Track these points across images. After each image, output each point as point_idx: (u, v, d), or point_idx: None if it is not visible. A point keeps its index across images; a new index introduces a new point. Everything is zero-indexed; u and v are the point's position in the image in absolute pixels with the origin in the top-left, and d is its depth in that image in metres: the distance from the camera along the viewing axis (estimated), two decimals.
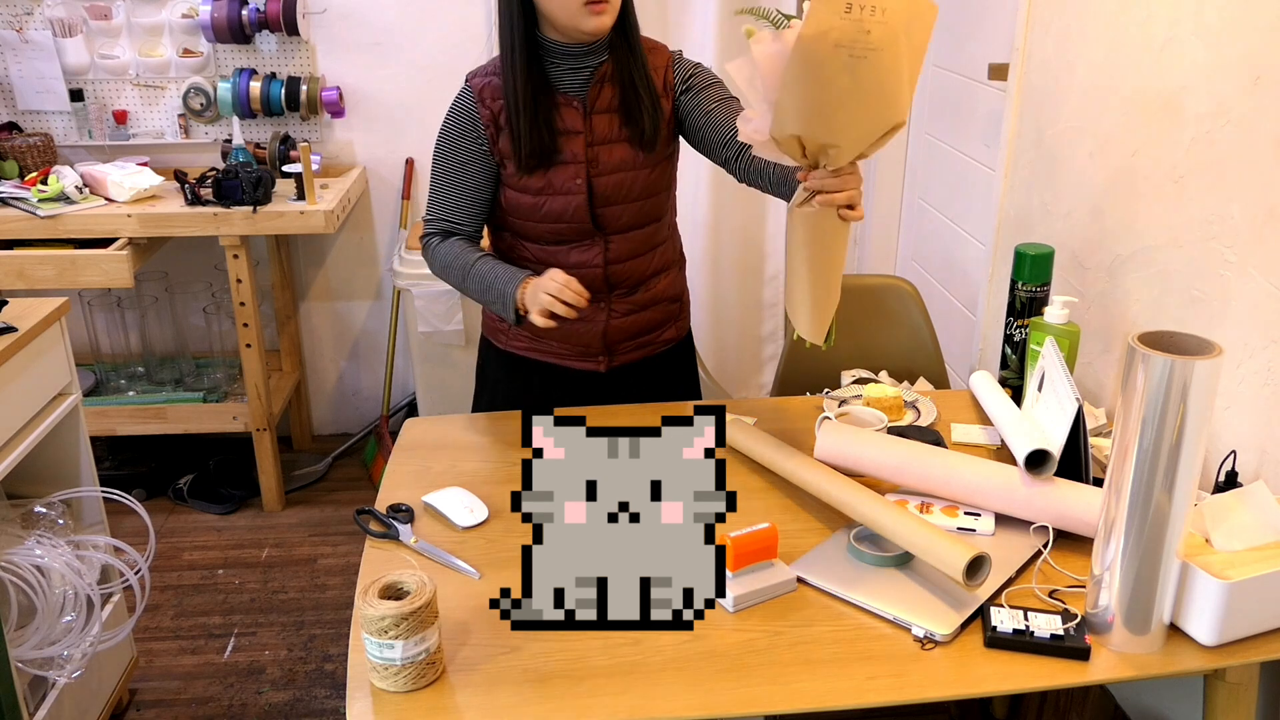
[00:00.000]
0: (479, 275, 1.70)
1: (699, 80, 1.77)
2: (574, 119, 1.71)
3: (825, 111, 1.35)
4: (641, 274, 1.82)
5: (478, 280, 1.70)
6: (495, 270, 1.69)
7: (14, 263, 2.59)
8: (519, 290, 1.64)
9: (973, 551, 1.24)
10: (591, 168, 1.72)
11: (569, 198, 1.72)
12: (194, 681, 2.34)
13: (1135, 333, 1.13)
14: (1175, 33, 1.65)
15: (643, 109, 1.72)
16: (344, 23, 3.02)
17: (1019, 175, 2.24)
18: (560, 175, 1.71)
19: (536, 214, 1.74)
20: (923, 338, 2.20)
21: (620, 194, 1.74)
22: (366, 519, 1.47)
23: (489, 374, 1.94)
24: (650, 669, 1.19)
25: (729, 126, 1.71)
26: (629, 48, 1.71)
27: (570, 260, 1.76)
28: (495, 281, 1.67)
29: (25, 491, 1.98)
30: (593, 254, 1.76)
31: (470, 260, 1.71)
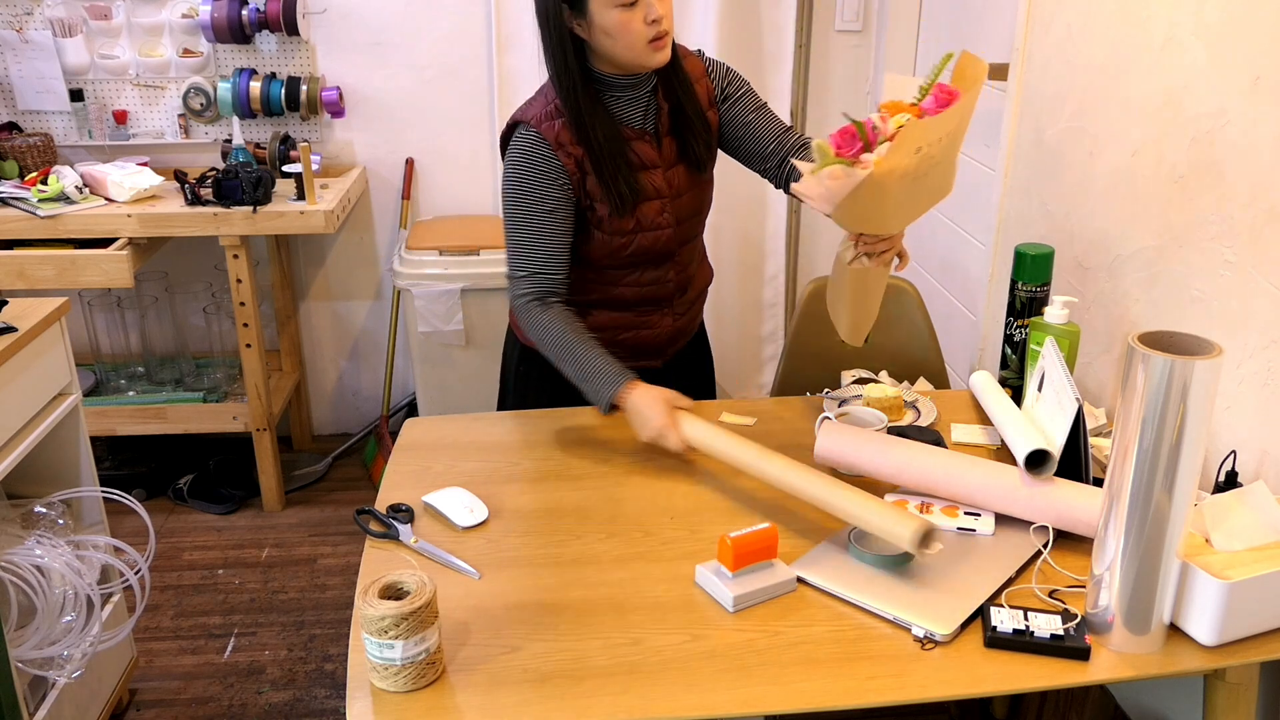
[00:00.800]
0: (574, 366, 1.64)
1: (733, 89, 1.77)
2: (648, 152, 1.70)
3: (885, 214, 1.46)
4: (694, 275, 1.88)
5: (575, 365, 1.64)
6: (596, 363, 1.63)
7: (14, 263, 2.59)
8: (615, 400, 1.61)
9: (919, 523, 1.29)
10: (674, 199, 1.73)
11: (658, 233, 1.73)
12: (194, 681, 2.34)
13: (1135, 333, 1.13)
14: (1175, 33, 1.65)
15: (695, 132, 1.72)
16: (344, 23, 3.02)
17: (1019, 175, 2.24)
18: (648, 211, 1.71)
19: (624, 251, 1.73)
20: (923, 338, 2.20)
21: (691, 214, 1.77)
22: (366, 519, 1.47)
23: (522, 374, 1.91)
24: (650, 669, 1.19)
25: (768, 138, 1.75)
26: (676, 73, 1.70)
27: (644, 279, 1.78)
28: (593, 377, 1.63)
29: (25, 491, 1.98)
30: (665, 270, 1.79)
31: (562, 344, 1.65)
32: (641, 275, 1.78)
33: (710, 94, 1.76)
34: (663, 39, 1.60)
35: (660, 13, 1.57)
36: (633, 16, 1.56)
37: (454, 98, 3.09)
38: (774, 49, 3.07)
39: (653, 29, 1.57)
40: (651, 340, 1.85)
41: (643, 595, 1.31)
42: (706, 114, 1.75)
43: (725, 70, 1.79)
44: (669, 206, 1.73)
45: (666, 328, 1.85)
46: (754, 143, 1.76)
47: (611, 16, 1.56)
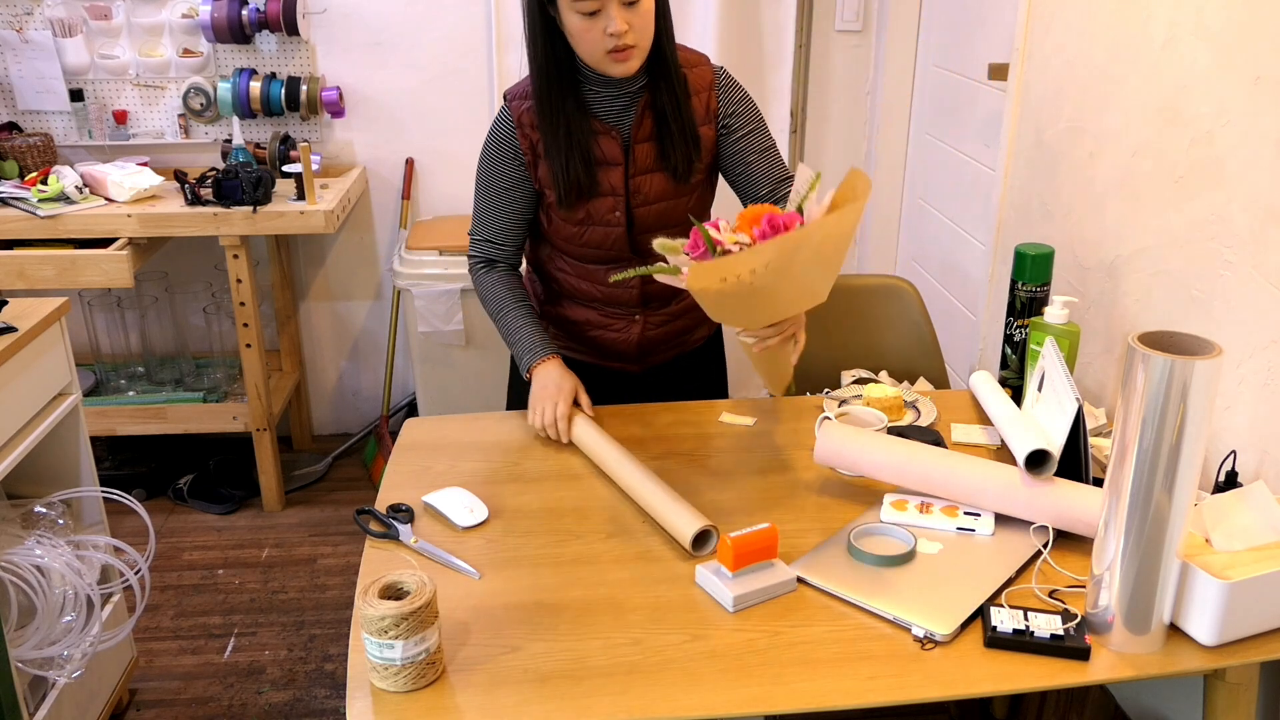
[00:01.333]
0: (506, 326, 1.75)
1: (741, 122, 1.73)
2: (613, 149, 1.68)
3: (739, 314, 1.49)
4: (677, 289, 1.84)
5: (505, 329, 1.76)
6: (521, 332, 1.74)
7: (14, 263, 2.59)
8: (532, 367, 1.71)
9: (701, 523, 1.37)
10: (633, 198, 1.71)
11: (608, 229, 1.73)
12: (194, 681, 2.34)
13: (1135, 333, 1.13)
14: (1175, 33, 1.65)
15: (675, 145, 1.69)
16: (344, 23, 3.02)
17: (1019, 175, 2.24)
18: (600, 207, 1.71)
19: (577, 241, 1.75)
20: (923, 338, 2.20)
21: (661, 223, 1.74)
22: (366, 519, 1.47)
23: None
24: (650, 669, 1.19)
25: (764, 184, 1.74)
26: (666, 81, 1.67)
27: (607, 280, 1.78)
28: (516, 344, 1.74)
29: (25, 491, 1.98)
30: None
31: (504, 307, 1.76)
32: (605, 274, 1.77)
33: (711, 110, 1.72)
34: (625, 52, 1.57)
35: (621, 28, 1.53)
36: (593, 25, 1.55)
37: (454, 98, 3.09)
38: (774, 49, 3.07)
39: (612, 41, 1.55)
40: (620, 344, 1.84)
41: (643, 595, 1.31)
42: (699, 128, 1.71)
43: (740, 98, 1.74)
44: (622, 206, 1.71)
45: (634, 335, 1.83)
46: (749, 184, 1.76)
47: (573, 20, 1.56)
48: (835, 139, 3.26)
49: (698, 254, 1.41)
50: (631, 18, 1.55)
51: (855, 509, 1.51)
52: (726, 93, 1.73)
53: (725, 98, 1.72)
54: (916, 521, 1.44)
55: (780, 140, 3.15)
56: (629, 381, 1.87)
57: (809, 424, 1.76)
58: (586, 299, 1.82)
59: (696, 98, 1.70)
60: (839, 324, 2.21)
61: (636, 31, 1.56)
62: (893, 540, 1.41)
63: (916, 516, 1.45)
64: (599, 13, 1.53)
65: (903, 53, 3.04)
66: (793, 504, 1.52)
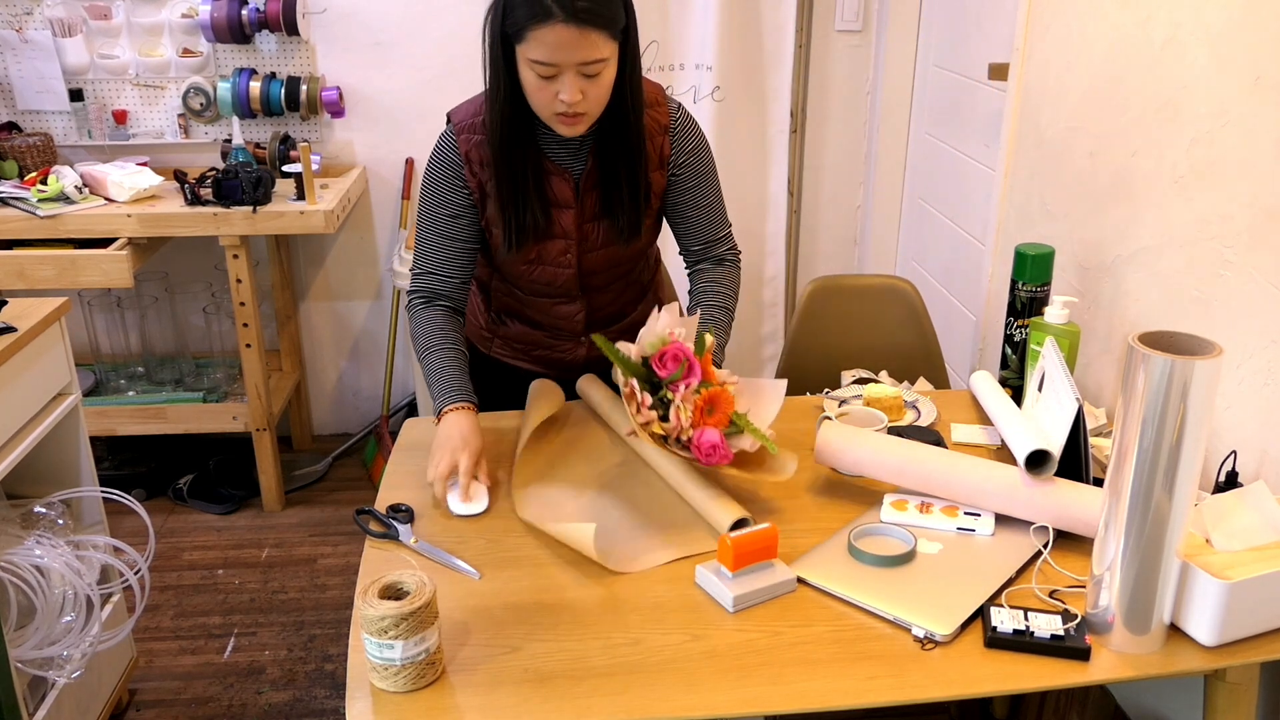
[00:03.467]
0: (429, 365, 1.64)
1: (689, 174, 1.70)
2: (565, 192, 1.64)
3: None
4: (621, 310, 1.85)
5: (427, 369, 1.65)
6: (443, 373, 1.62)
7: (14, 263, 2.59)
8: (443, 411, 1.59)
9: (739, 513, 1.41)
10: (581, 244, 1.69)
11: (558, 270, 1.70)
12: (194, 681, 2.34)
13: (1135, 333, 1.13)
14: (1175, 33, 1.65)
15: (622, 209, 1.65)
16: (344, 23, 3.02)
17: (1019, 175, 2.24)
18: (551, 249, 1.67)
19: (526, 277, 1.72)
20: (923, 338, 2.20)
21: (606, 266, 1.73)
22: (366, 519, 1.47)
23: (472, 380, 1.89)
24: (650, 669, 1.18)
25: (700, 239, 1.77)
26: (620, 142, 1.60)
27: (555, 312, 1.78)
28: (435, 383, 1.62)
29: (25, 491, 1.98)
30: (576, 308, 1.78)
31: (431, 346, 1.65)
32: (551, 307, 1.77)
33: (664, 155, 1.67)
34: (574, 118, 1.51)
35: (574, 98, 1.47)
36: (546, 87, 1.48)
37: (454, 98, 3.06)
38: (774, 49, 3.07)
39: (563, 106, 1.49)
40: (566, 361, 1.83)
41: (643, 595, 1.31)
42: (650, 175, 1.66)
43: (693, 146, 1.69)
44: (573, 249, 1.68)
45: (580, 356, 1.84)
46: (683, 236, 1.78)
47: (527, 75, 1.49)
48: (835, 139, 3.26)
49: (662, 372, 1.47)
50: (588, 87, 1.48)
51: (855, 509, 1.51)
52: (681, 139, 1.68)
53: (679, 145, 1.68)
54: (916, 521, 1.44)
55: (780, 140, 3.15)
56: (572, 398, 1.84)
57: (809, 424, 1.76)
58: (532, 323, 1.82)
59: (650, 142, 1.64)
60: (839, 324, 2.21)
61: (590, 100, 1.50)
62: (893, 540, 1.41)
63: (916, 516, 1.45)
64: (553, 79, 1.47)
65: (903, 53, 3.04)
66: (793, 504, 1.52)
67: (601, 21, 1.44)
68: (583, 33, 1.43)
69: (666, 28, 3.01)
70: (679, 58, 3.05)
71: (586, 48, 1.45)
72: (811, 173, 3.30)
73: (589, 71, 1.47)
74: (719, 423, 1.46)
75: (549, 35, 1.43)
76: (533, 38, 1.44)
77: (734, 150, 3.12)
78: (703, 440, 1.44)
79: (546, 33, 1.43)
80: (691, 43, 3.02)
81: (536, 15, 1.43)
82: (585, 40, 1.44)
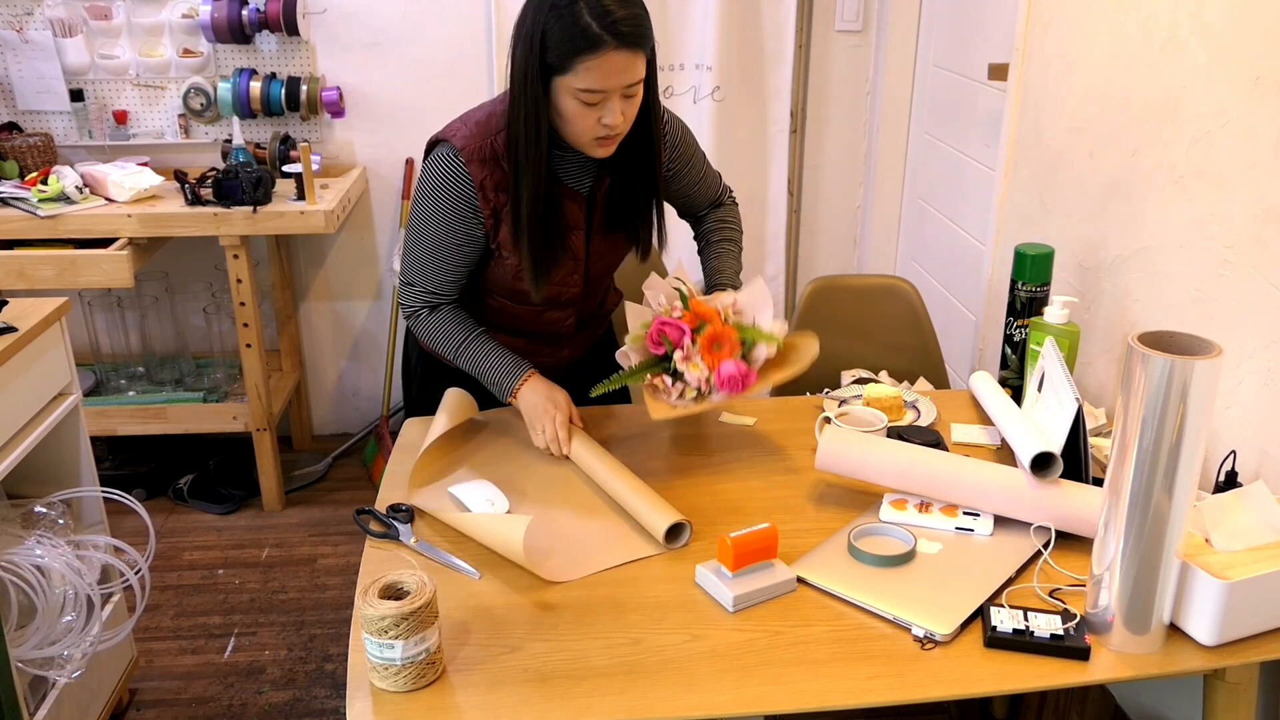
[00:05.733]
0: (471, 358, 1.66)
1: (681, 158, 1.75)
2: (575, 214, 1.65)
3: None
4: (602, 301, 1.88)
5: (470, 362, 1.66)
6: (490, 358, 1.65)
7: (14, 263, 2.59)
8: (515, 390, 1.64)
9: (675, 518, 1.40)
10: (587, 261, 1.71)
11: (564, 289, 1.71)
12: (194, 681, 2.34)
13: (1135, 333, 1.13)
14: (1175, 33, 1.65)
15: (641, 222, 1.68)
16: (344, 23, 3.02)
17: (1019, 175, 2.24)
18: (560, 272, 1.67)
19: (525, 299, 1.70)
20: (923, 338, 2.20)
21: (607, 273, 1.78)
22: (366, 519, 1.47)
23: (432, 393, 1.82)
24: (650, 669, 1.19)
25: (703, 206, 1.86)
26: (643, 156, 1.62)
27: (542, 319, 1.78)
28: (489, 371, 1.65)
29: (25, 491, 1.98)
30: (566, 314, 1.79)
31: (462, 341, 1.66)
32: (540, 315, 1.77)
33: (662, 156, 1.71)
34: (610, 140, 1.52)
35: (617, 119, 1.48)
36: (588, 113, 1.48)
37: (454, 98, 3.09)
38: (774, 49, 3.07)
39: (604, 130, 1.49)
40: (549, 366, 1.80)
41: (643, 595, 1.31)
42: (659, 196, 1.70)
43: (681, 138, 1.73)
44: (580, 269, 1.70)
45: (563, 358, 1.85)
46: (692, 206, 1.85)
47: (569, 105, 1.48)
48: (835, 139, 3.26)
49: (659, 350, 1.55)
50: (626, 108, 1.49)
51: (855, 509, 1.51)
52: (670, 133, 1.71)
53: (669, 139, 1.71)
54: (916, 521, 1.44)
55: (780, 140, 3.15)
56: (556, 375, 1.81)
57: (809, 424, 1.76)
58: (514, 330, 1.79)
59: None
60: (839, 324, 2.21)
61: (628, 120, 1.52)
62: (893, 540, 1.41)
63: (916, 516, 1.45)
64: (598, 104, 1.47)
65: (903, 53, 3.04)
66: (793, 504, 1.52)
67: (644, 41, 1.46)
68: (632, 56, 1.45)
69: (666, 28, 3.01)
70: (679, 58, 3.05)
71: (634, 70, 1.46)
72: (811, 173, 3.30)
73: (630, 93, 1.49)
74: (731, 351, 1.51)
75: (601, 64, 1.43)
76: (582, 68, 1.43)
77: (734, 150, 3.12)
78: (723, 375, 1.49)
79: (598, 62, 1.43)
80: (691, 43, 3.02)
81: (586, 45, 1.42)
82: (633, 63, 1.45)
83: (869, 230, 3.29)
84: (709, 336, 1.52)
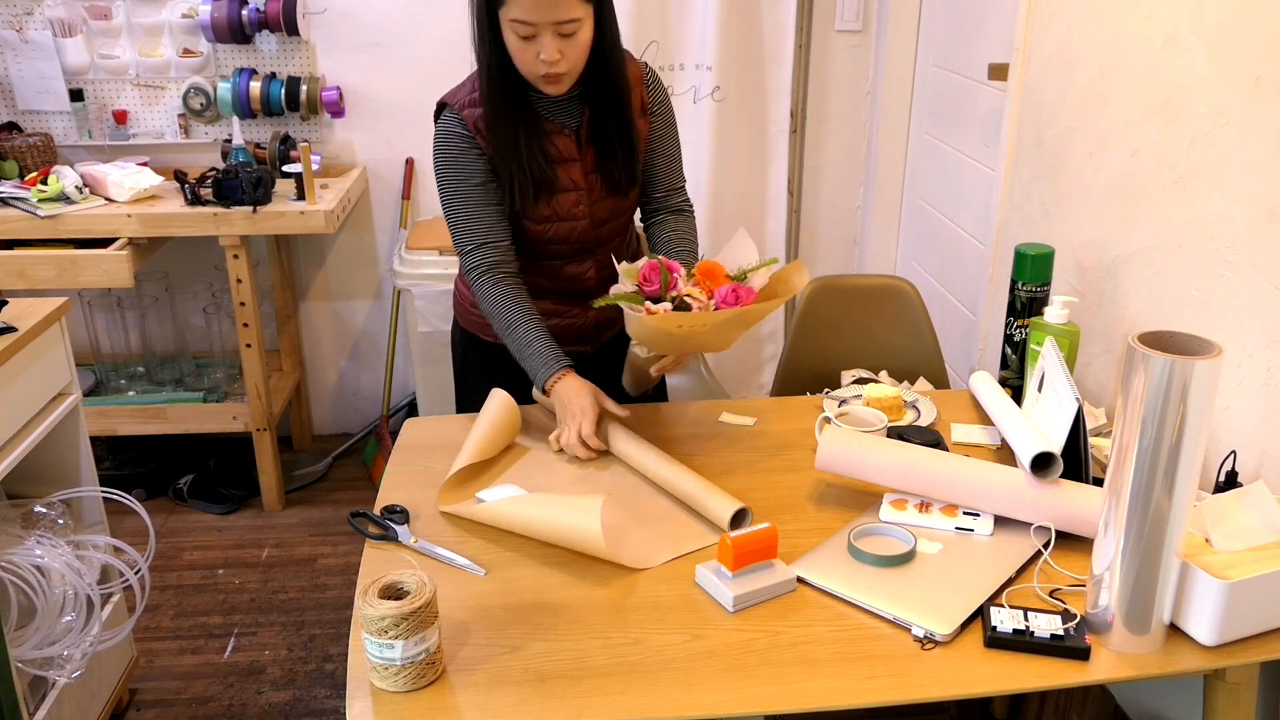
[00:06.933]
0: (517, 340, 1.70)
1: (660, 123, 1.80)
2: (568, 147, 1.72)
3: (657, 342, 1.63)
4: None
5: (515, 344, 1.71)
6: (532, 347, 1.69)
7: (14, 263, 2.59)
8: (548, 384, 1.67)
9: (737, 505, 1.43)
10: (590, 194, 1.75)
11: (573, 224, 1.76)
12: (194, 681, 2.34)
13: (1135, 333, 1.13)
14: (1175, 33, 1.65)
15: (617, 162, 1.74)
16: (344, 23, 3.02)
17: (1019, 175, 2.24)
18: (564, 202, 1.74)
19: (543, 238, 1.77)
20: (923, 338, 2.20)
21: (613, 215, 1.80)
22: (363, 522, 1.47)
23: (471, 369, 1.96)
24: (650, 669, 1.19)
25: (660, 187, 1.84)
26: (608, 96, 1.70)
27: (564, 273, 1.82)
28: (528, 359, 1.69)
29: (25, 491, 1.98)
30: (585, 266, 1.82)
31: (513, 321, 1.71)
32: (561, 268, 1.81)
33: (645, 103, 1.77)
34: (555, 77, 1.61)
35: (553, 56, 1.57)
36: (527, 47, 1.58)
37: None
38: (774, 49, 3.07)
39: (544, 66, 1.58)
40: (577, 329, 1.87)
41: (643, 595, 1.32)
42: (637, 123, 1.75)
43: (663, 99, 1.80)
44: (584, 199, 1.75)
45: (591, 319, 1.87)
46: (650, 182, 1.85)
47: (510, 38, 1.59)
48: (835, 139, 3.26)
49: (651, 287, 1.57)
50: (565, 47, 1.58)
51: (855, 509, 1.51)
52: (655, 89, 1.79)
53: (654, 94, 1.79)
54: (916, 521, 1.44)
55: (780, 140, 3.15)
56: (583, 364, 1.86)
57: (809, 424, 1.76)
58: (540, 291, 1.84)
59: (633, 92, 1.74)
60: (839, 324, 2.21)
61: (569, 60, 1.59)
62: (893, 540, 1.41)
63: (916, 516, 1.45)
64: (532, 39, 1.57)
65: (903, 53, 3.04)
66: (793, 504, 1.52)
67: None
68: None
69: (666, 28, 3.01)
70: (679, 58, 3.05)
71: (563, 8, 1.54)
72: (811, 173, 3.30)
73: (565, 31, 1.56)
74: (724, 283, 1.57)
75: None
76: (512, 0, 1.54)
77: (734, 150, 3.12)
78: (725, 294, 1.54)
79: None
80: (691, 43, 3.02)
81: None
82: (559, 1, 1.53)
83: (869, 230, 3.29)
84: (701, 271, 1.58)
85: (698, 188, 3.10)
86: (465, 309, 1.94)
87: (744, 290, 1.55)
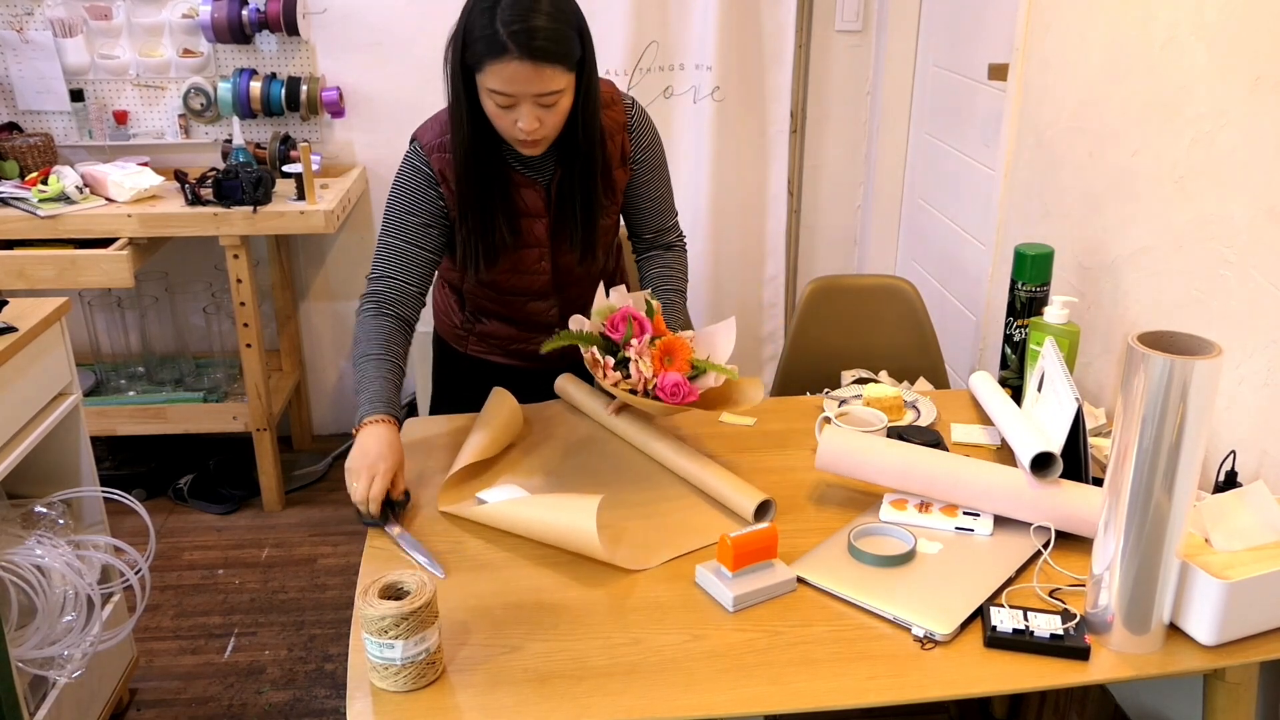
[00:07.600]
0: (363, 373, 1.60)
1: (645, 168, 1.76)
2: (535, 201, 1.68)
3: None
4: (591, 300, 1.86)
5: (360, 376, 1.61)
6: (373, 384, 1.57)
7: (14, 263, 2.59)
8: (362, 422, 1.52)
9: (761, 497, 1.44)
10: (554, 249, 1.73)
11: (534, 277, 1.75)
12: (194, 681, 2.34)
13: (1135, 333, 1.13)
14: (1175, 33, 1.65)
15: (575, 229, 1.70)
16: (344, 23, 3.02)
17: (1019, 175, 2.24)
18: (526, 258, 1.72)
19: (501, 286, 1.76)
20: (923, 338, 2.20)
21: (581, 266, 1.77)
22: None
23: (447, 378, 1.97)
24: (650, 669, 1.19)
25: (650, 228, 1.84)
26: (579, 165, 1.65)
27: (527, 309, 1.82)
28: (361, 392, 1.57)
29: (25, 491, 1.98)
30: (548, 304, 1.82)
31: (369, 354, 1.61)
32: (525, 305, 1.81)
33: (625, 152, 1.72)
34: (533, 142, 1.56)
35: (531, 126, 1.52)
36: (505, 115, 1.53)
37: None
38: (774, 49, 3.07)
39: (520, 133, 1.53)
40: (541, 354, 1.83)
41: (643, 595, 1.32)
42: (614, 173, 1.71)
43: (649, 142, 1.75)
44: (546, 255, 1.73)
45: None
46: (635, 225, 1.84)
47: (487, 103, 1.53)
48: (835, 139, 3.26)
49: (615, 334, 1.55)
50: (545, 115, 1.53)
51: (855, 509, 1.51)
52: (638, 136, 1.73)
53: (637, 142, 1.73)
54: (916, 521, 1.44)
55: (780, 140, 3.15)
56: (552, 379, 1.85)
57: (809, 424, 1.76)
58: (507, 320, 1.85)
59: (611, 141, 1.69)
60: (839, 324, 2.21)
61: (548, 127, 1.55)
62: (893, 540, 1.41)
63: (916, 516, 1.45)
64: (511, 108, 1.52)
65: (903, 53, 3.04)
66: (793, 504, 1.52)
67: (556, 58, 1.48)
68: (538, 68, 1.47)
69: (666, 28, 3.01)
70: (679, 58, 3.05)
71: (542, 81, 1.49)
72: (811, 173, 3.30)
73: (545, 102, 1.52)
74: (680, 369, 1.53)
75: (505, 70, 1.47)
76: (490, 71, 1.49)
77: (734, 150, 3.12)
78: (666, 382, 1.50)
79: (503, 68, 1.47)
80: (691, 43, 3.02)
81: (493, 51, 1.47)
82: (540, 75, 1.48)
83: (869, 230, 3.29)
84: (665, 346, 1.55)
85: (698, 188, 3.10)
86: (440, 315, 1.95)
87: (686, 388, 1.51)
